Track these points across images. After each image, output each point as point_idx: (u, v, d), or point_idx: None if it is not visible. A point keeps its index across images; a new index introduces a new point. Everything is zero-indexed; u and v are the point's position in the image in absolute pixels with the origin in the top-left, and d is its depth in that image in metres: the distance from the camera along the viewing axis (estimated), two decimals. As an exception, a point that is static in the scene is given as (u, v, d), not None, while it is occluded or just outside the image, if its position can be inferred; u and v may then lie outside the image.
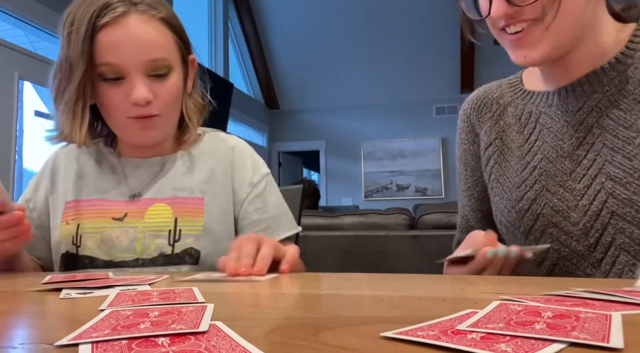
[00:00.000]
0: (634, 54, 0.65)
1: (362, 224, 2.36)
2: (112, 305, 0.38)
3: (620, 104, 0.65)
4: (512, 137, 0.76)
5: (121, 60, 0.73)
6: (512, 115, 0.78)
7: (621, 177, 0.62)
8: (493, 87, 0.83)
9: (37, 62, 3.02)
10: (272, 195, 0.89)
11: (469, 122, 0.84)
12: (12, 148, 2.82)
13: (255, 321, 0.35)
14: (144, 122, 0.77)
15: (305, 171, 9.56)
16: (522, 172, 0.72)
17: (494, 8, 0.63)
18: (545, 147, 0.71)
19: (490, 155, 0.79)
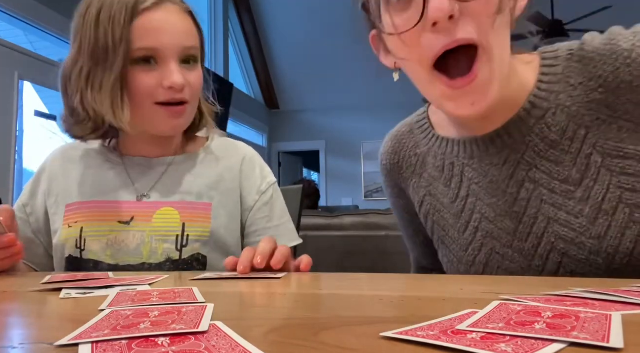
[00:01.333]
0: (549, 97, 0.59)
1: (362, 224, 2.36)
2: (112, 305, 0.38)
3: (548, 155, 0.59)
4: (441, 191, 0.69)
5: (161, 44, 0.74)
6: (433, 167, 0.70)
7: (572, 237, 0.58)
8: (405, 135, 0.75)
9: (37, 62, 3.02)
10: (278, 204, 0.90)
11: (391, 178, 0.78)
12: (12, 148, 2.82)
13: (255, 321, 0.35)
14: (174, 109, 0.77)
15: (305, 171, 9.56)
16: (465, 233, 0.66)
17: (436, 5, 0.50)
18: (480, 205, 0.65)
19: (426, 214, 0.72)
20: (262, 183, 0.88)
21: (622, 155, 0.56)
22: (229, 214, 0.84)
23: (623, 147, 0.56)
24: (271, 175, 0.92)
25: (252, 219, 0.86)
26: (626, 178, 0.56)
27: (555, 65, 0.59)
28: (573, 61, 0.58)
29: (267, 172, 0.92)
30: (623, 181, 0.56)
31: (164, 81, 0.74)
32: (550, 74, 0.59)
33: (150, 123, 0.79)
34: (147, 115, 0.78)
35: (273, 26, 6.32)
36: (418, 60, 0.56)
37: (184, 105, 0.78)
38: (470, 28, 0.51)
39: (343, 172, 7.08)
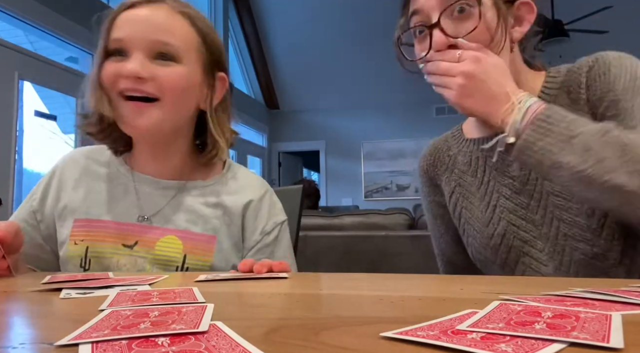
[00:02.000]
0: (550, 99, 0.71)
1: (362, 224, 2.36)
2: (112, 305, 0.38)
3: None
4: (469, 182, 0.83)
5: (126, 35, 0.73)
6: (462, 163, 0.84)
7: (562, 203, 0.70)
8: (440, 142, 0.90)
9: (37, 62, 3.02)
10: (281, 245, 0.86)
11: (427, 177, 0.91)
12: (12, 148, 2.82)
13: (255, 321, 0.35)
14: (134, 105, 0.74)
15: (305, 171, 9.56)
16: (487, 212, 0.79)
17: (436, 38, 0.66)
18: (498, 186, 0.78)
19: (456, 201, 0.85)
20: (268, 223, 0.85)
21: None
22: (232, 248, 0.83)
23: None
24: (281, 214, 0.89)
25: (249, 257, 0.83)
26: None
27: (556, 77, 0.74)
28: (572, 75, 0.72)
29: (277, 210, 0.88)
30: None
31: (121, 69, 0.72)
32: (552, 82, 0.73)
33: (121, 118, 0.76)
34: (117, 109, 0.75)
35: (273, 26, 6.32)
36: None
37: (148, 104, 0.74)
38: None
39: (343, 172, 7.08)
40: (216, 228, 0.82)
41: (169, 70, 0.74)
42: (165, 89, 0.74)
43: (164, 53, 0.74)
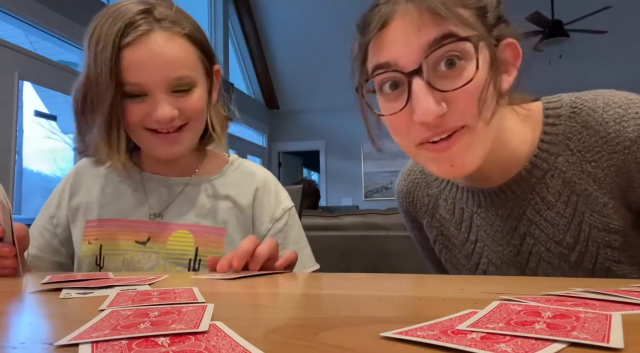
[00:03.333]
0: (549, 158, 0.61)
1: (362, 224, 2.36)
2: (112, 305, 0.38)
3: (545, 215, 0.62)
4: (453, 233, 0.74)
5: (145, 80, 0.72)
6: (444, 210, 0.74)
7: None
8: (417, 175, 0.79)
9: (37, 62, 3.02)
10: (293, 230, 0.88)
11: (408, 214, 0.82)
12: (12, 148, 2.81)
13: (255, 321, 0.35)
14: (167, 137, 0.76)
15: (305, 171, 9.56)
16: (476, 272, 0.72)
17: (422, 109, 0.51)
18: (487, 251, 0.69)
19: (439, 251, 0.77)
20: (276, 210, 0.86)
21: (607, 229, 0.58)
22: (243, 238, 0.83)
23: (608, 222, 0.58)
24: (287, 200, 0.90)
25: None
26: (611, 252, 0.58)
27: (556, 124, 0.60)
28: (576, 122, 0.59)
29: (283, 197, 0.90)
30: (609, 254, 0.58)
31: (152, 114, 0.73)
32: (552, 134, 0.60)
33: (148, 148, 0.79)
34: (141, 140, 0.78)
35: (273, 26, 6.32)
36: (406, 139, 0.58)
37: (179, 132, 0.76)
38: (456, 117, 0.53)
39: (343, 172, 7.08)
40: (226, 221, 0.83)
41: (192, 99, 0.76)
42: (191, 117, 0.77)
43: (182, 86, 0.75)
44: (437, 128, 0.53)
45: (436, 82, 0.52)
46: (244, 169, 0.91)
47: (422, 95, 0.51)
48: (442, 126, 0.53)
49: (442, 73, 0.52)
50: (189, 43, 0.76)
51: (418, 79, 0.52)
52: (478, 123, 0.53)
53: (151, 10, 0.73)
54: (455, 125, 0.53)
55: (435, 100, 0.51)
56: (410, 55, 0.53)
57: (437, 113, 0.51)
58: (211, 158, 0.91)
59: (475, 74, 0.51)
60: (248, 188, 0.87)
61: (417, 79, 0.52)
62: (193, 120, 0.77)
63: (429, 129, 0.54)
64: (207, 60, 0.81)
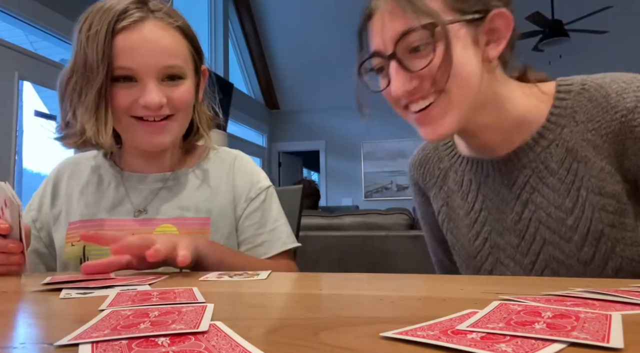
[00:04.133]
0: (555, 129, 0.66)
1: (362, 224, 2.36)
2: (112, 305, 0.38)
3: (547, 181, 0.67)
4: (458, 204, 0.78)
5: (137, 64, 0.73)
6: (453, 181, 0.79)
7: (562, 258, 0.65)
8: (431, 150, 0.85)
9: (37, 62, 3.02)
10: (271, 209, 0.88)
11: (418, 187, 0.88)
12: (12, 148, 2.82)
13: (255, 321, 0.35)
14: (153, 125, 0.76)
15: (305, 171, 9.56)
16: (475, 242, 0.75)
17: (395, 86, 0.63)
18: (491, 220, 0.73)
19: (442, 221, 0.81)
20: (252, 190, 0.87)
21: (603, 193, 0.62)
22: (227, 226, 0.84)
23: (604, 186, 0.62)
24: (264, 180, 0.90)
25: (241, 227, 0.86)
26: (606, 215, 0.62)
27: (566, 99, 0.66)
28: (584, 97, 0.64)
29: (261, 177, 0.90)
30: (604, 217, 0.62)
31: (140, 99, 0.74)
32: (560, 107, 0.66)
33: (132, 138, 0.80)
34: (128, 131, 0.78)
35: (273, 26, 6.32)
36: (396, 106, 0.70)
37: (166, 121, 0.77)
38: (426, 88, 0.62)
39: (343, 172, 7.08)
40: (209, 210, 0.84)
41: (180, 90, 0.78)
42: (179, 107, 0.78)
43: (173, 75, 0.77)
44: (411, 96, 0.64)
45: (408, 63, 0.62)
46: (220, 155, 0.92)
47: (394, 75, 0.63)
48: (416, 95, 0.63)
49: (412, 56, 0.62)
50: (181, 36, 0.79)
51: (393, 62, 0.63)
52: (448, 92, 0.62)
53: (146, 2, 0.77)
54: (427, 92, 0.63)
55: (408, 78, 0.62)
56: (386, 44, 0.63)
57: (407, 88, 0.62)
58: (190, 151, 0.91)
59: (433, 55, 0.60)
60: (224, 173, 0.88)
61: (392, 62, 0.63)
62: (180, 111, 0.79)
63: (406, 98, 0.64)
64: (197, 57, 0.83)
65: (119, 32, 0.73)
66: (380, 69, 0.67)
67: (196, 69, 0.83)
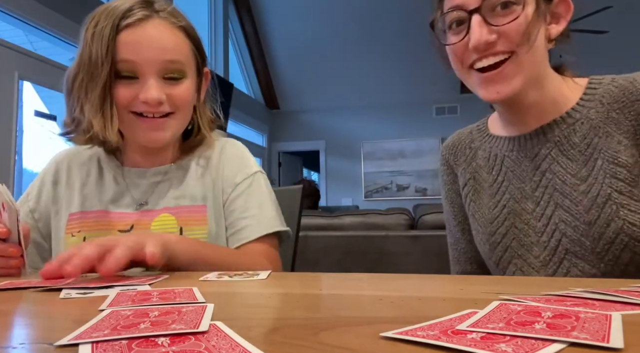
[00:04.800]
0: (582, 110, 0.73)
1: (362, 224, 2.36)
2: (112, 305, 0.38)
3: (568, 153, 0.73)
4: (484, 177, 0.84)
5: (139, 58, 0.75)
6: (481, 158, 0.85)
7: (570, 220, 0.70)
8: (465, 134, 0.92)
9: (37, 62, 3.02)
10: (255, 194, 0.86)
11: (448, 165, 0.93)
12: (12, 148, 2.82)
13: (255, 321, 0.35)
14: (152, 122, 0.78)
15: (305, 171, 9.57)
16: (494, 210, 0.80)
17: (475, 37, 0.67)
18: (511, 188, 0.79)
19: (467, 193, 0.87)
20: (237, 175, 0.87)
21: (616, 162, 0.68)
22: (219, 213, 0.85)
23: (618, 156, 0.68)
24: (253, 166, 0.90)
25: (226, 212, 0.86)
26: (616, 182, 0.68)
27: (597, 88, 0.73)
28: (613, 86, 0.72)
29: (249, 163, 0.90)
30: (613, 183, 0.68)
31: (140, 95, 0.75)
32: (590, 94, 0.73)
33: (132, 134, 0.81)
34: (129, 126, 0.79)
35: (273, 26, 6.32)
36: (460, 64, 0.73)
37: (166, 118, 0.78)
38: (504, 45, 0.67)
39: (343, 172, 7.08)
40: (205, 197, 0.85)
41: (181, 88, 0.79)
42: (179, 105, 0.79)
43: (174, 72, 0.78)
44: (485, 51, 0.68)
45: (491, 18, 0.67)
46: (216, 144, 0.93)
47: (477, 27, 0.67)
48: (490, 50, 0.68)
49: (497, 12, 0.67)
50: (184, 36, 0.80)
51: (476, 15, 0.67)
52: (521, 52, 0.67)
53: (151, 2, 0.79)
54: (502, 50, 0.67)
55: (488, 31, 0.67)
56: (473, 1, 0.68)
57: (487, 40, 0.66)
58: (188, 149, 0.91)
59: (521, 13, 0.66)
60: (216, 160, 0.89)
61: (475, 15, 0.67)
62: (179, 110, 0.80)
63: (478, 53, 0.68)
64: (200, 58, 0.84)
65: (123, 29, 0.74)
66: (458, 23, 0.71)
67: (198, 71, 0.84)
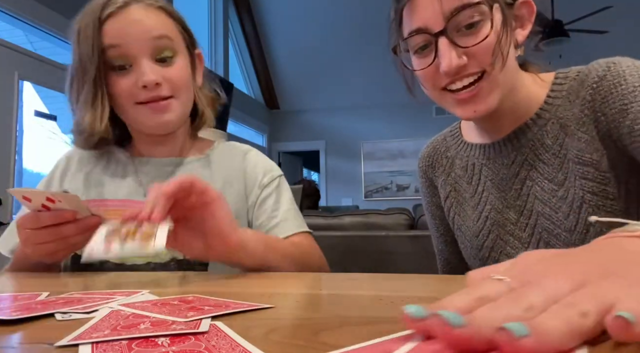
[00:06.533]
0: (551, 109, 0.70)
1: (362, 224, 2.36)
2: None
3: (543, 157, 0.70)
4: (464, 188, 0.82)
5: (125, 41, 0.75)
6: (459, 167, 0.83)
7: (552, 228, 0.69)
8: (439, 142, 0.89)
9: (37, 62, 3.02)
10: (283, 195, 0.89)
11: (426, 178, 0.90)
12: (12, 148, 2.82)
13: (255, 321, 0.35)
14: (156, 105, 0.78)
15: (305, 171, 9.56)
16: (477, 222, 0.78)
17: (446, 62, 0.63)
18: (491, 198, 0.77)
19: (449, 206, 0.85)
20: (264, 177, 0.88)
21: (582, 161, 0.65)
22: (235, 215, 0.84)
23: (582, 155, 0.65)
24: (276, 169, 0.92)
25: (257, 213, 0.86)
26: (586, 182, 0.65)
27: (562, 84, 0.70)
28: (576, 81, 0.68)
29: (272, 166, 0.92)
30: (585, 185, 0.65)
31: (138, 81, 0.75)
32: (557, 91, 0.70)
33: (140, 123, 0.81)
34: (135, 117, 0.80)
35: (273, 26, 6.32)
36: (432, 87, 0.70)
37: (168, 100, 0.79)
38: (475, 65, 0.64)
39: (343, 172, 7.08)
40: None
41: (175, 68, 0.79)
42: (177, 85, 0.79)
43: (164, 50, 0.78)
44: (457, 75, 0.65)
45: (458, 40, 0.63)
46: (228, 145, 0.94)
47: (446, 51, 0.63)
48: (462, 73, 0.64)
49: (463, 33, 0.63)
50: (166, 15, 0.81)
51: (443, 38, 0.63)
52: (494, 70, 0.64)
53: None
54: (474, 71, 0.64)
55: (457, 55, 0.63)
56: (436, 20, 0.64)
57: (458, 64, 0.63)
58: (199, 141, 0.94)
59: (490, 32, 0.62)
60: (236, 162, 0.89)
61: (442, 38, 0.64)
62: (179, 90, 0.80)
63: (450, 76, 0.65)
64: (188, 38, 0.84)
65: (105, 19, 0.75)
66: (423, 47, 0.67)
67: (188, 49, 0.84)
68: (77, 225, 0.63)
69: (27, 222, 0.62)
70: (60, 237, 0.63)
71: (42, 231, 0.62)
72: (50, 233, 0.62)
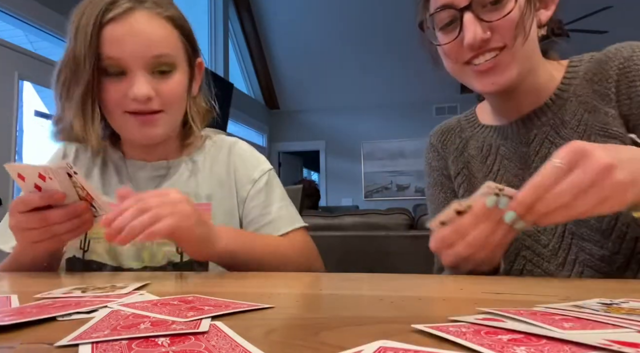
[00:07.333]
0: (569, 89, 0.73)
1: (362, 224, 2.36)
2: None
3: (563, 134, 0.72)
4: (477, 167, 0.83)
5: (124, 55, 0.72)
6: (474, 148, 0.84)
7: None
8: (453, 123, 0.90)
9: (37, 62, 3.02)
10: (274, 190, 0.88)
11: (437, 152, 0.90)
12: (12, 148, 2.82)
13: (255, 321, 0.35)
14: (144, 118, 0.76)
15: (305, 171, 9.56)
16: None
17: (470, 35, 0.66)
18: (508, 176, 0.78)
19: (460, 183, 0.85)
20: (254, 171, 0.87)
21: (607, 134, 0.68)
22: (227, 212, 0.84)
23: (608, 128, 0.68)
24: (265, 163, 0.91)
25: (247, 209, 0.85)
26: None
27: (578, 66, 0.74)
28: (592, 62, 0.73)
29: (261, 160, 0.91)
30: None
31: (129, 92, 0.73)
32: (573, 72, 0.74)
33: (126, 132, 0.79)
34: (122, 125, 0.78)
35: (273, 26, 6.32)
36: (454, 61, 0.72)
37: (158, 114, 0.76)
38: (497, 40, 0.67)
39: (343, 172, 7.08)
40: (209, 195, 0.84)
41: (171, 83, 0.77)
42: (168, 101, 0.77)
43: (163, 65, 0.75)
44: (480, 49, 0.67)
45: (483, 15, 0.66)
46: (217, 144, 0.92)
47: (471, 25, 0.66)
48: (485, 47, 0.67)
49: (488, 8, 0.67)
50: (171, 26, 0.77)
51: (468, 12, 0.67)
52: (516, 45, 0.66)
53: None
54: (497, 45, 0.67)
55: (482, 29, 0.66)
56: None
57: (482, 37, 0.66)
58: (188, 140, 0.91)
59: (514, 6, 0.66)
60: (224, 157, 0.88)
61: (467, 13, 0.67)
62: (170, 106, 0.78)
63: (474, 50, 0.68)
64: (190, 48, 0.81)
65: (107, 23, 0.72)
66: (448, 24, 0.70)
67: (189, 60, 0.81)
68: (64, 211, 0.64)
69: (18, 205, 0.63)
70: (45, 224, 0.63)
71: (30, 215, 0.63)
72: (37, 219, 0.63)
